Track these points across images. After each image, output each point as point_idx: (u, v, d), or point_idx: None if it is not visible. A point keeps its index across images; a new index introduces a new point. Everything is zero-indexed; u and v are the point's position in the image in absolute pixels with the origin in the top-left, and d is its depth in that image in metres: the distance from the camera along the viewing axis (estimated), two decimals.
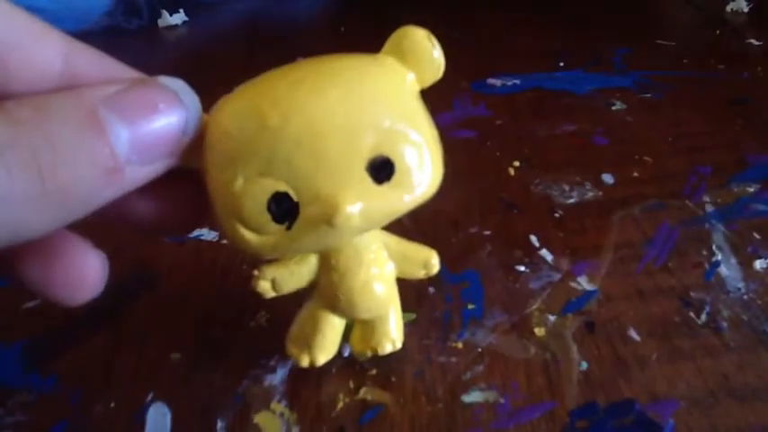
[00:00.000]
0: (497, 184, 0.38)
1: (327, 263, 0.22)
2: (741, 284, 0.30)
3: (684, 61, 0.53)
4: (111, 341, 0.29)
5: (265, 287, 0.23)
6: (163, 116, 0.15)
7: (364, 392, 0.26)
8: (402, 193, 0.18)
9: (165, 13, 0.66)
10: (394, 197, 0.18)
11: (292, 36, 0.64)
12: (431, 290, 0.30)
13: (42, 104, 0.13)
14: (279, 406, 0.26)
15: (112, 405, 0.26)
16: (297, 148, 0.17)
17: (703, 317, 0.29)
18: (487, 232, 0.34)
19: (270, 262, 0.22)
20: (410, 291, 0.30)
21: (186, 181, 0.18)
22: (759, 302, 0.29)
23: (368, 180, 0.18)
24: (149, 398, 0.26)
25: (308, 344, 0.25)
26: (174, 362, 0.28)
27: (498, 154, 0.42)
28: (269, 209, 0.18)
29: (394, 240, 0.23)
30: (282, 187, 0.17)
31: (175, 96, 0.15)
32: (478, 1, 0.69)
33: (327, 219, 0.17)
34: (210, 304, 0.30)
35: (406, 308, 0.26)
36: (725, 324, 0.28)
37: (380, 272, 0.23)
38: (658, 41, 0.57)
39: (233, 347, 0.28)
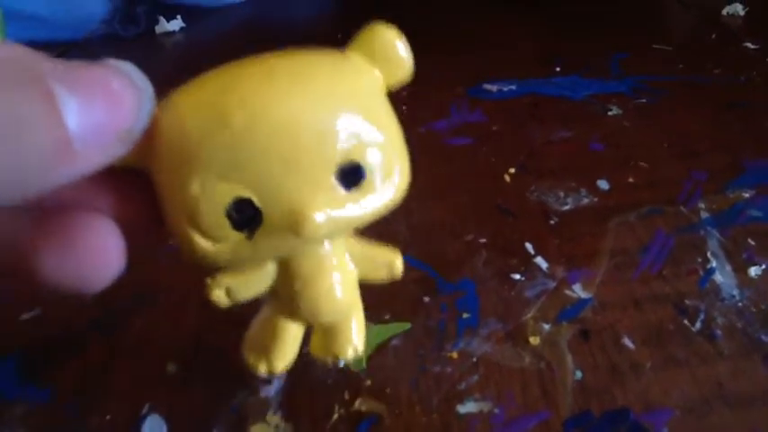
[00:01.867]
0: (493, 191, 0.38)
1: (288, 270, 0.21)
2: (735, 291, 0.30)
3: (680, 66, 0.53)
4: (106, 353, 0.29)
5: (220, 296, 0.21)
6: (116, 95, 0.14)
7: (359, 403, 0.26)
8: (371, 199, 0.18)
9: (162, 19, 0.67)
10: (362, 204, 0.18)
11: (290, 42, 0.64)
12: (426, 299, 0.30)
13: None
14: (274, 418, 0.26)
15: (108, 417, 0.26)
16: (265, 151, 0.16)
17: (698, 324, 0.29)
18: (483, 240, 0.34)
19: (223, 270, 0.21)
20: (405, 300, 0.30)
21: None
22: (753, 310, 0.29)
23: (337, 186, 0.17)
24: (145, 410, 0.26)
25: (265, 351, 0.23)
26: (169, 373, 0.28)
27: (494, 160, 0.42)
28: (229, 215, 0.16)
29: (356, 243, 0.22)
30: (245, 192, 0.16)
31: (129, 77, 0.14)
32: (475, 6, 0.69)
33: (294, 227, 0.16)
34: (206, 316, 0.30)
35: (400, 317, 0.26)
36: (719, 331, 0.28)
37: (343, 277, 0.21)
38: (655, 46, 0.57)
39: (228, 359, 0.28)
